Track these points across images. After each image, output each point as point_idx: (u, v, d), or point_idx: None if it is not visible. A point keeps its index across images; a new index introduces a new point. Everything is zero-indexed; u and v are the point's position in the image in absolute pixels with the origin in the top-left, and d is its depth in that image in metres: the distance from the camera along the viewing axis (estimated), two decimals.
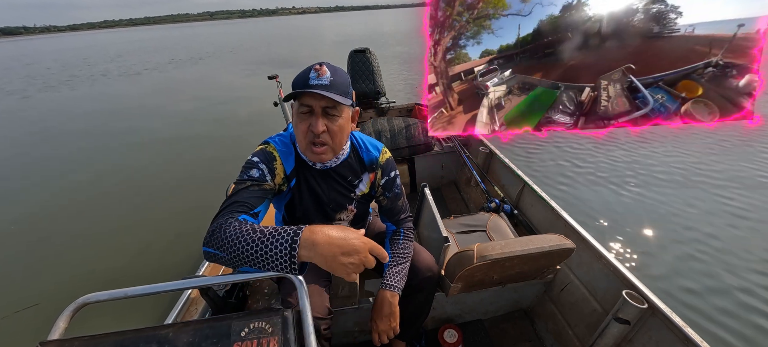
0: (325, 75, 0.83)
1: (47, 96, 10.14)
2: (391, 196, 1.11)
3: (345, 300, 1.38)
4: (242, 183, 0.87)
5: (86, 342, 0.64)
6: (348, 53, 3.02)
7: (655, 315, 1.13)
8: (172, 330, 0.66)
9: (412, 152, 2.54)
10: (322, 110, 0.84)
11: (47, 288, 2.54)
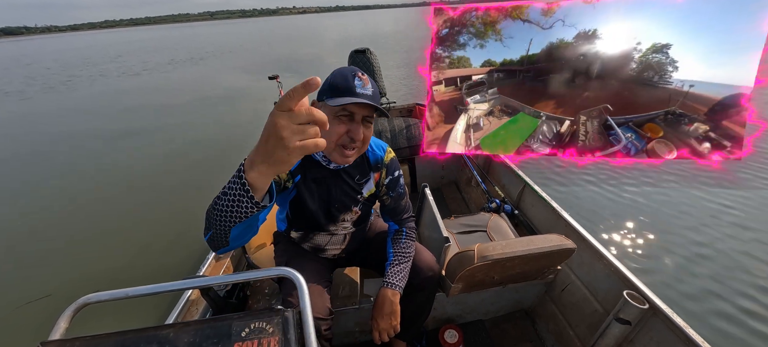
0: (368, 85, 0.86)
1: (47, 97, 10.15)
2: (395, 195, 1.12)
3: (346, 300, 1.38)
4: None
5: (87, 342, 0.64)
6: (348, 53, 3.02)
7: (656, 316, 1.13)
8: (173, 330, 0.66)
9: (413, 152, 2.53)
10: (362, 118, 0.87)
11: (48, 288, 2.54)
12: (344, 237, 1.16)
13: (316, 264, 1.15)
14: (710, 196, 3.03)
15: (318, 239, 1.14)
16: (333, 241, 1.15)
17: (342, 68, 0.88)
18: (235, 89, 9.52)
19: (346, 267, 1.43)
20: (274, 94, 2.87)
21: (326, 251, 1.19)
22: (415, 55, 12.43)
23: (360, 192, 1.07)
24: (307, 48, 19.91)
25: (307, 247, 1.18)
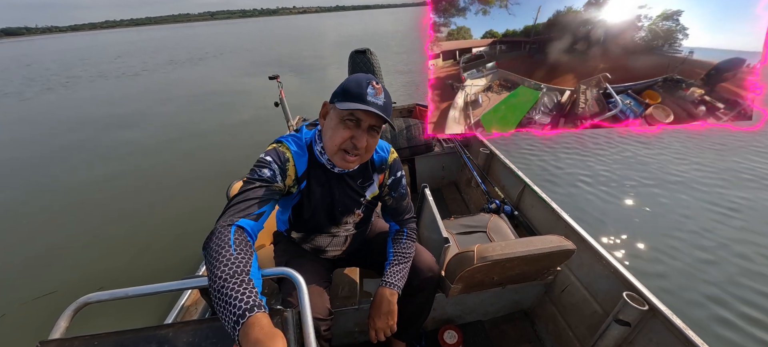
0: (381, 95, 0.86)
1: (46, 98, 10.15)
2: (397, 196, 1.12)
3: (345, 301, 1.38)
4: (250, 183, 0.86)
5: (86, 342, 0.64)
6: (349, 53, 3.03)
7: (655, 317, 1.13)
8: (172, 330, 0.67)
9: (413, 152, 2.54)
10: (368, 126, 0.87)
11: (47, 288, 2.54)
12: (346, 239, 1.16)
13: (316, 265, 1.15)
14: (712, 197, 3.03)
15: (319, 240, 1.14)
16: (334, 242, 1.15)
17: (359, 75, 0.88)
18: (235, 89, 9.53)
19: (345, 267, 1.43)
20: (274, 94, 2.87)
21: (327, 253, 1.19)
22: (416, 55, 12.44)
23: (363, 195, 1.07)
24: (307, 48, 19.94)
25: (307, 248, 1.18)
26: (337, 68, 11.22)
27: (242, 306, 0.62)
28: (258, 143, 4.77)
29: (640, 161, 3.71)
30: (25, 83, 13.24)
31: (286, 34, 35.86)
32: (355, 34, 27.90)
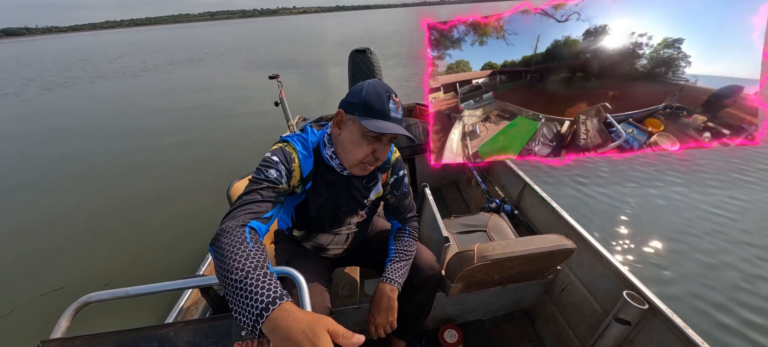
0: (399, 109, 0.87)
1: (45, 98, 10.15)
2: (399, 194, 1.12)
3: (345, 300, 1.38)
4: (258, 183, 0.85)
5: (87, 341, 0.65)
6: (349, 53, 3.02)
7: (655, 316, 1.13)
8: (173, 330, 0.67)
9: (413, 152, 2.53)
10: (388, 140, 0.89)
11: (47, 288, 2.54)
12: (347, 237, 1.16)
13: (316, 264, 1.15)
14: (712, 199, 3.03)
15: (321, 238, 1.14)
16: (336, 241, 1.15)
17: (376, 85, 0.86)
18: (235, 88, 9.53)
19: (346, 266, 1.43)
20: (274, 94, 2.86)
21: (328, 251, 1.19)
22: (416, 55, 12.43)
23: (367, 196, 1.07)
24: (307, 48, 19.93)
25: (309, 246, 1.18)
26: (337, 68, 11.22)
27: (271, 294, 0.61)
28: (258, 142, 4.76)
29: (641, 163, 3.71)
30: (25, 84, 13.24)
31: (286, 35, 35.84)
32: (355, 34, 27.89)
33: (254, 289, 0.61)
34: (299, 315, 0.59)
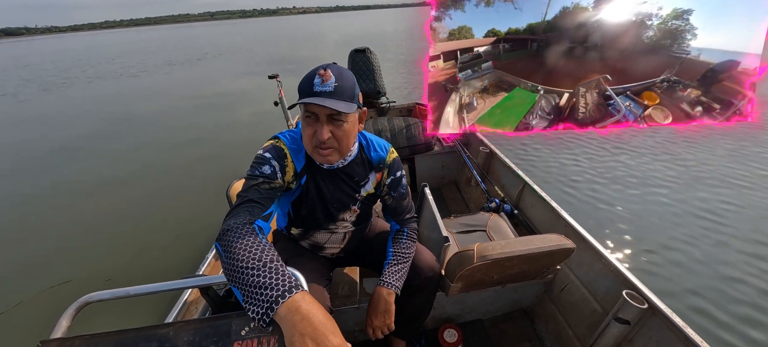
0: (330, 80, 0.81)
1: (44, 98, 10.14)
2: (396, 195, 1.12)
3: (345, 300, 1.38)
4: (254, 179, 0.87)
5: (87, 341, 0.64)
6: (348, 53, 3.02)
7: (655, 316, 1.13)
8: (173, 329, 0.67)
9: (413, 151, 2.53)
10: (327, 117, 0.84)
11: (47, 287, 2.54)
12: (344, 236, 1.16)
13: (316, 263, 1.15)
14: (709, 197, 3.03)
15: (318, 236, 1.14)
16: (332, 239, 1.15)
17: (316, 67, 0.85)
18: (235, 88, 9.52)
19: (345, 266, 1.43)
20: (273, 94, 2.86)
21: (325, 250, 1.19)
22: (416, 55, 12.42)
23: (358, 191, 1.07)
24: (307, 48, 19.91)
25: (306, 244, 1.18)
26: None
27: (292, 282, 0.64)
28: (258, 142, 4.71)
29: (642, 162, 3.71)
30: (22, 84, 13.21)
31: (285, 35, 35.81)
32: (355, 34, 27.88)
33: (273, 276, 0.65)
34: (315, 309, 0.62)
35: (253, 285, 0.64)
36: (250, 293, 0.64)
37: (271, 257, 0.68)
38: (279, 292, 0.62)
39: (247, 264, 0.66)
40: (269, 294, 0.62)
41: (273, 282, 0.64)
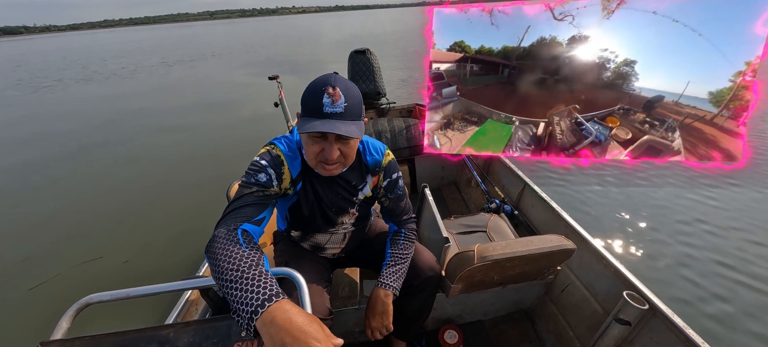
0: (340, 101, 0.78)
1: (43, 97, 10.14)
2: (393, 197, 1.11)
3: (345, 301, 1.38)
4: (248, 187, 0.86)
5: (87, 342, 0.64)
6: (348, 53, 3.03)
7: (656, 316, 1.13)
8: (173, 330, 0.67)
9: (413, 152, 2.53)
10: (335, 137, 0.83)
11: (47, 287, 2.54)
12: (344, 236, 1.16)
13: (316, 264, 1.15)
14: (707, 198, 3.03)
15: (317, 238, 1.14)
16: (332, 240, 1.15)
17: (318, 79, 0.82)
18: (235, 89, 9.53)
19: (345, 267, 1.43)
20: (274, 94, 2.86)
21: (325, 250, 1.19)
22: (416, 55, 12.42)
23: (356, 195, 1.06)
24: (307, 47, 19.91)
25: (306, 246, 1.18)
26: (337, 67, 11.19)
27: (267, 291, 0.62)
28: (258, 143, 4.72)
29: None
30: (20, 84, 13.21)
31: (285, 34, 35.83)
32: (355, 34, 27.89)
33: (250, 287, 0.63)
34: (293, 321, 0.59)
35: (233, 299, 0.63)
36: (234, 306, 0.63)
37: (250, 265, 0.66)
38: (253, 308, 0.60)
39: (227, 276, 0.65)
40: (246, 310, 0.61)
41: (249, 296, 0.62)
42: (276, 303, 0.61)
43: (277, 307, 0.60)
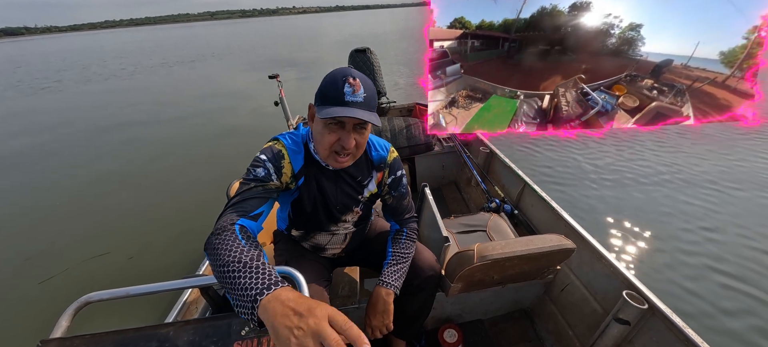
0: (360, 91, 0.81)
1: (42, 98, 10.14)
2: (397, 195, 1.12)
3: (345, 300, 1.38)
4: (247, 184, 0.87)
5: (87, 341, 0.65)
6: (349, 53, 3.03)
7: (655, 316, 1.13)
8: (173, 329, 0.67)
9: (413, 151, 2.53)
10: (353, 125, 0.85)
11: (47, 288, 2.54)
12: (345, 237, 1.16)
13: (316, 264, 1.15)
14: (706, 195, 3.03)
15: (319, 238, 1.14)
16: (334, 240, 1.15)
17: (335, 71, 0.84)
18: (235, 88, 9.52)
19: (345, 266, 1.43)
20: (274, 93, 2.86)
21: (326, 251, 1.19)
22: (415, 55, 12.41)
23: (361, 193, 1.07)
24: (307, 47, 19.90)
25: (307, 246, 1.18)
26: (337, 67, 11.18)
27: (266, 280, 0.59)
28: (258, 141, 4.73)
29: (642, 158, 3.71)
30: (18, 84, 13.20)
31: (285, 34, 35.82)
32: (356, 34, 27.87)
33: (251, 275, 0.61)
34: (296, 298, 0.55)
35: (235, 287, 0.61)
36: (236, 296, 0.61)
37: (251, 257, 0.65)
38: (253, 296, 0.58)
39: (228, 269, 0.64)
40: (247, 297, 0.58)
41: (251, 283, 0.60)
42: (278, 290, 0.58)
43: (280, 292, 0.57)
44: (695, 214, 2.83)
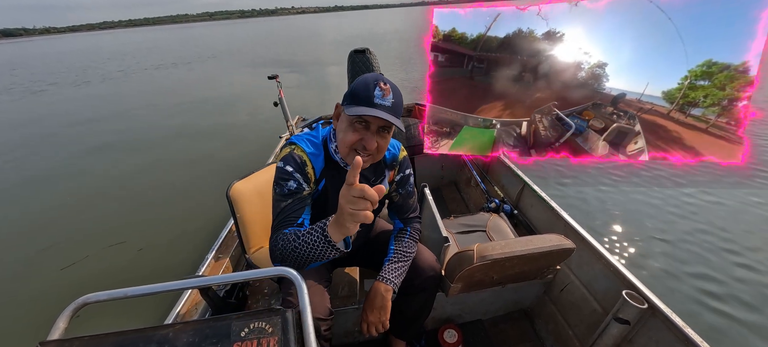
0: (389, 96, 0.85)
1: (37, 99, 10.12)
2: (404, 193, 1.14)
3: (345, 300, 1.38)
4: (284, 198, 0.92)
5: (86, 342, 0.64)
6: (348, 53, 3.02)
7: (655, 315, 1.13)
8: (172, 330, 0.66)
9: (413, 152, 2.53)
10: (378, 128, 0.88)
11: (43, 291, 2.54)
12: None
13: None
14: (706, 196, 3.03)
15: None
16: None
17: (367, 76, 0.88)
18: (235, 89, 9.52)
19: (346, 266, 1.43)
20: (273, 94, 2.86)
21: None
22: (415, 55, 12.42)
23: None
24: (306, 48, 19.89)
25: None
26: (337, 67, 11.21)
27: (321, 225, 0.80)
28: (258, 142, 4.77)
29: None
30: (16, 84, 13.19)
31: (285, 35, 35.80)
32: (355, 34, 27.87)
33: (311, 236, 0.82)
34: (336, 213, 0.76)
35: (312, 251, 0.82)
36: (315, 256, 0.82)
37: (302, 233, 0.84)
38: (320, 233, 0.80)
39: (299, 252, 0.83)
40: (321, 241, 0.80)
41: (316, 235, 0.81)
42: (328, 222, 0.79)
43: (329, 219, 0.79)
44: (695, 213, 2.83)
